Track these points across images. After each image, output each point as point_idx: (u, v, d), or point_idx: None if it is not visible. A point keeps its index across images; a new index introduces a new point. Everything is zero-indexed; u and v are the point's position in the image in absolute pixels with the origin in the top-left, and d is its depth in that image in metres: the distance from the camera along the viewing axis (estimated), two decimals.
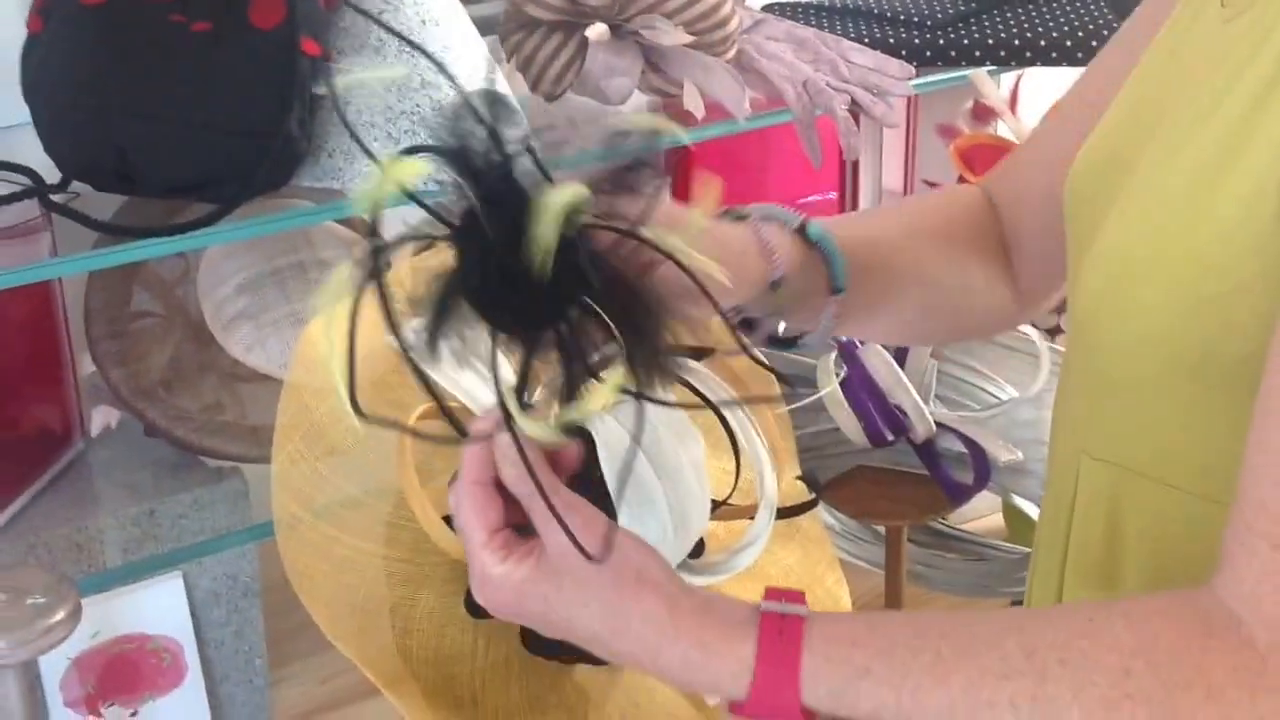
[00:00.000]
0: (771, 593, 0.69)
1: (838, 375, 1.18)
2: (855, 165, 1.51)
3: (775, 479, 0.83)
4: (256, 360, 1.28)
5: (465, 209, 0.65)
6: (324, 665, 1.43)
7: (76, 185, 1.17)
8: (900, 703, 0.66)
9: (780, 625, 0.67)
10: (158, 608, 1.26)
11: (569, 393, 0.66)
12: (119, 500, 1.28)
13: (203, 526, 1.29)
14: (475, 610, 0.80)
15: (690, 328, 0.71)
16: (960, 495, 1.20)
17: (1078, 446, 0.78)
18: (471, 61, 1.18)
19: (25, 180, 1.19)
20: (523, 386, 0.67)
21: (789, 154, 1.41)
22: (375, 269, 0.65)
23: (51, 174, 1.18)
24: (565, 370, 0.66)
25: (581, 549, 0.66)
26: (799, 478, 0.95)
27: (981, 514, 1.53)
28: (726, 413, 0.82)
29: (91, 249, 1.17)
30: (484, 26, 1.31)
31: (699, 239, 0.67)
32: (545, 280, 0.64)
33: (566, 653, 0.81)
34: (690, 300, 0.68)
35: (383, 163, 0.63)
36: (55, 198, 1.16)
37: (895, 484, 1.24)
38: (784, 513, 0.86)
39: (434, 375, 0.72)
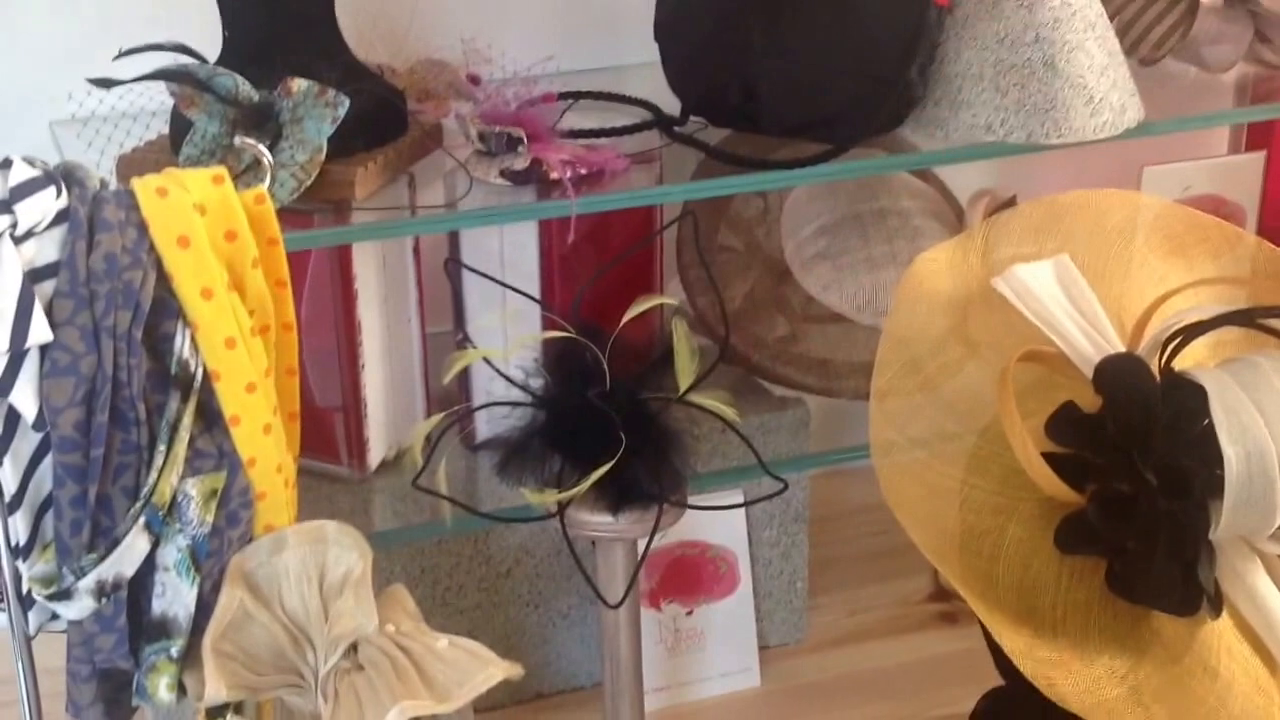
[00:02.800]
0: None
1: None
2: None
3: None
4: (832, 299, 1.35)
5: None
6: (855, 599, 1.49)
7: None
8: None
9: None
10: (719, 519, 1.35)
11: None
12: (691, 419, 1.37)
13: (764, 450, 1.37)
14: (1065, 544, 0.85)
15: None
16: None
17: None
18: (1089, 16, 1.20)
19: (646, 113, 1.31)
20: None
21: None
22: None
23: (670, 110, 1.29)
24: None
25: None
26: None
27: None
28: None
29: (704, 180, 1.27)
30: None
31: None
32: None
33: (1150, 598, 0.84)
34: None
35: None
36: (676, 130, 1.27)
37: None
38: None
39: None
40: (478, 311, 1.25)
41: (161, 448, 0.89)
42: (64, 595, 0.89)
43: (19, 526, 0.90)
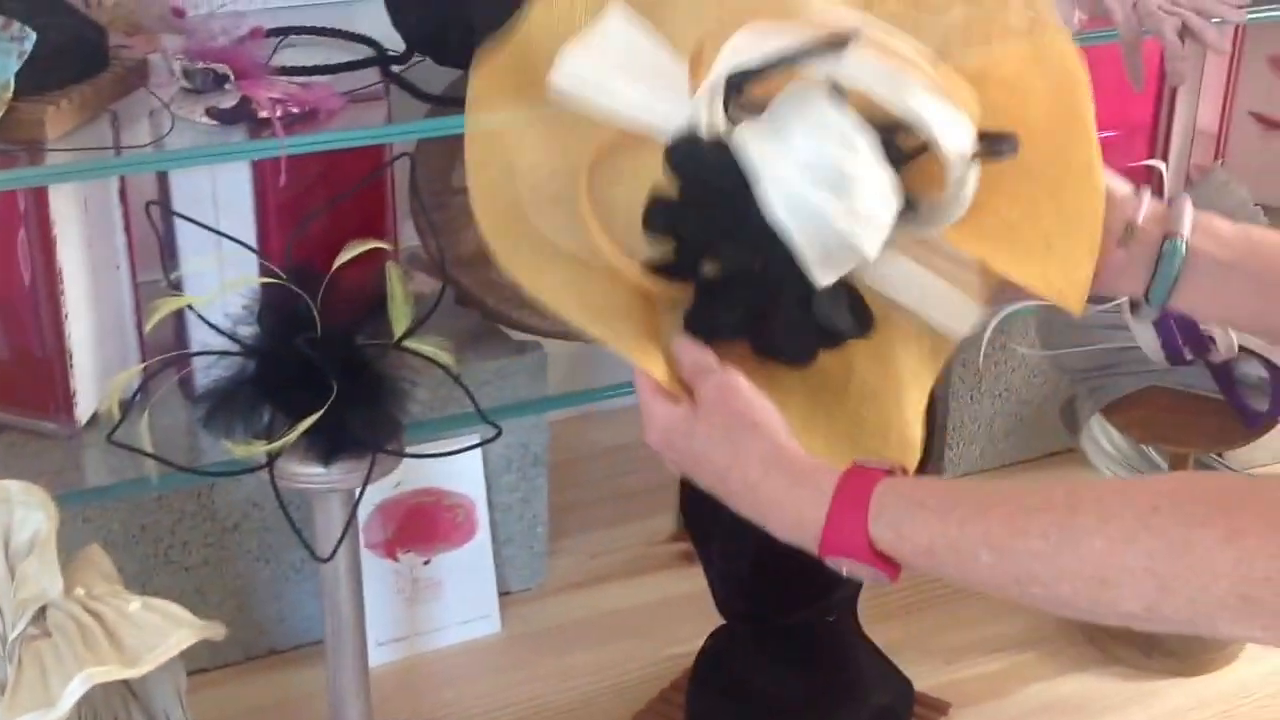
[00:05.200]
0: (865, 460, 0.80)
1: None
2: (1173, 95, 1.49)
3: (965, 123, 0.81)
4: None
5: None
6: (596, 542, 1.49)
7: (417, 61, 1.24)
8: (947, 531, 0.73)
9: (862, 471, 0.78)
10: (455, 466, 1.33)
11: None
12: (427, 364, 1.35)
13: (502, 394, 1.35)
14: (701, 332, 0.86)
15: None
16: (1256, 423, 1.18)
17: None
18: None
19: (368, 50, 1.27)
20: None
21: (1105, 81, 1.40)
22: None
23: (394, 47, 1.26)
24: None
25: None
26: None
27: (1265, 464, 1.52)
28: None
29: (423, 120, 1.24)
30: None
31: None
32: None
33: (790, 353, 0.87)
34: None
35: None
36: (396, 69, 1.24)
37: (1187, 410, 1.23)
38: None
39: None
40: (190, 256, 1.20)
41: None
42: None
43: None
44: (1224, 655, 1.31)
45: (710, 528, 1.15)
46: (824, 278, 0.82)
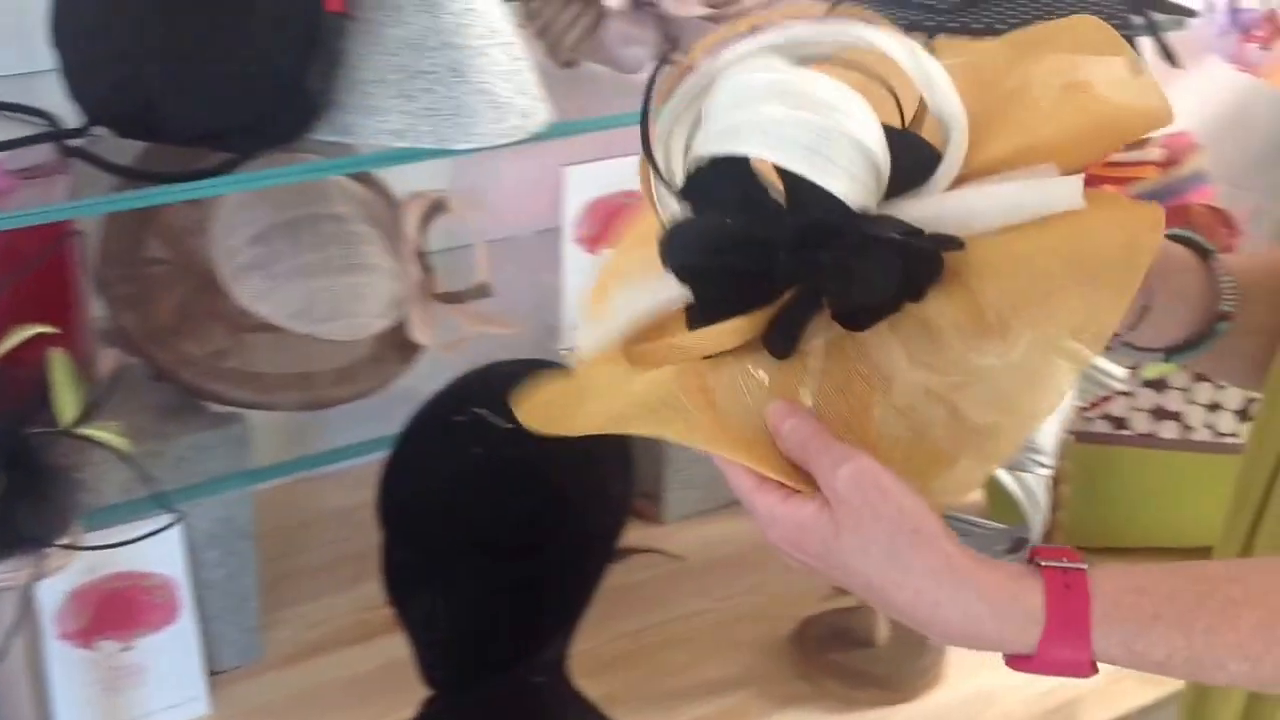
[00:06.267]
0: (1044, 552, 0.72)
1: None
2: None
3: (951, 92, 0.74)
4: (265, 309, 1.31)
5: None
6: (314, 611, 1.46)
7: (97, 134, 1.20)
8: (1192, 645, 0.68)
9: (1064, 578, 0.70)
10: (155, 547, 1.29)
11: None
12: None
13: (203, 470, 1.32)
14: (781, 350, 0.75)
15: None
16: None
17: None
18: (491, 22, 1.21)
19: (44, 124, 1.23)
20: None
21: None
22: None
23: (73, 120, 1.22)
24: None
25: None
26: None
27: None
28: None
29: (109, 194, 1.20)
30: None
31: None
32: None
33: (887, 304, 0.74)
34: None
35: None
36: (75, 142, 1.20)
37: None
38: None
39: None
40: None
41: None
42: None
43: None
44: (925, 682, 1.36)
45: (409, 597, 1.14)
46: (835, 181, 0.71)
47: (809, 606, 1.44)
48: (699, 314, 0.75)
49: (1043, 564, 0.71)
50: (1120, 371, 1.33)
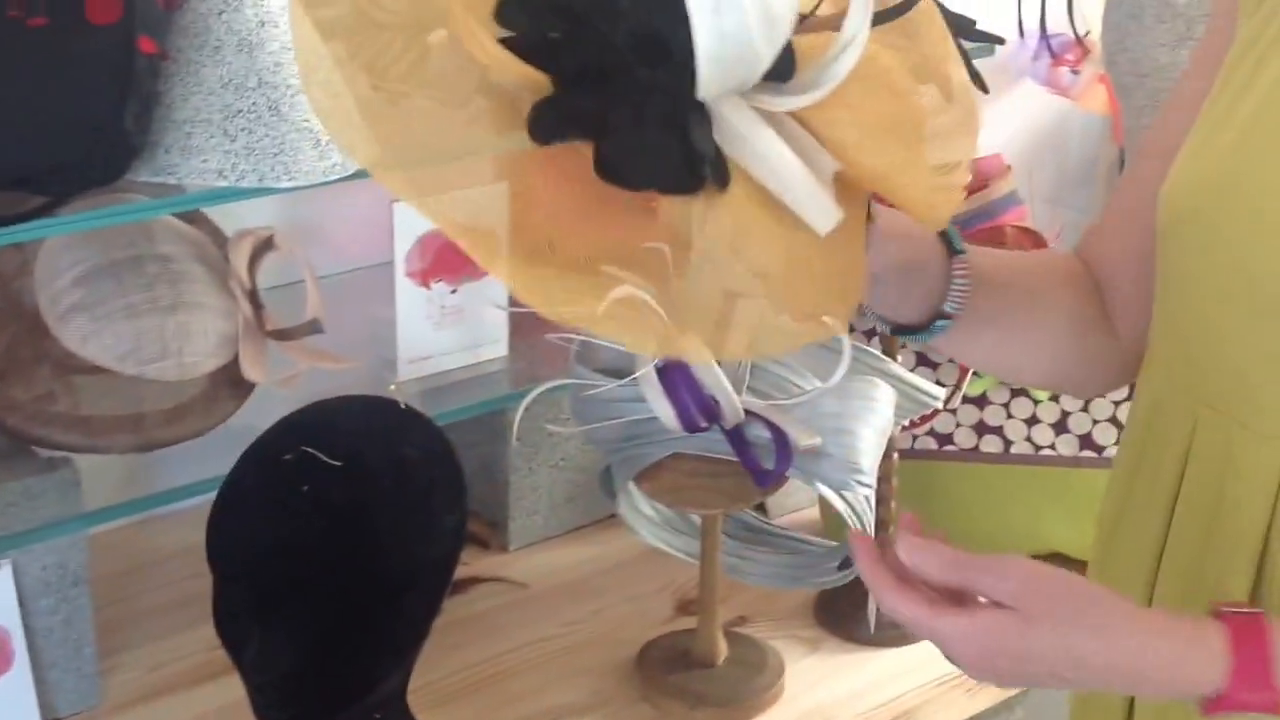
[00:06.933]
0: (1222, 607, 0.80)
1: (656, 363, 1.24)
2: None
3: None
4: (91, 351, 1.30)
5: None
6: (155, 654, 1.44)
7: None
8: None
9: (1243, 619, 0.78)
10: None
11: None
12: None
13: (33, 515, 1.30)
14: (542, 132, 0.74)
15: None
16: (765, 480, 1.26)
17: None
18: None
19: None
20: None
21: None
22: None
23: None
24: None
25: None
26: None
27: (801, 506, 1.62)
28: None
29: None
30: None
31: None
32: None
33: (647, 175, 0.75)
34: None
35: None
36: None
37: (709, 473, 1.30)
38: (885, 15, 0.79)
39: None
40: None
41: None
42: None
43: None
44: (761, 702, 1.39)
45: (240, 638, 1.14)
46: (711, 83, 0.71)
47: (651, 630, 1.46)
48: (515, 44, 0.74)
49: (1223, 609, 0.79)
50: (938, 390, 1.38)
